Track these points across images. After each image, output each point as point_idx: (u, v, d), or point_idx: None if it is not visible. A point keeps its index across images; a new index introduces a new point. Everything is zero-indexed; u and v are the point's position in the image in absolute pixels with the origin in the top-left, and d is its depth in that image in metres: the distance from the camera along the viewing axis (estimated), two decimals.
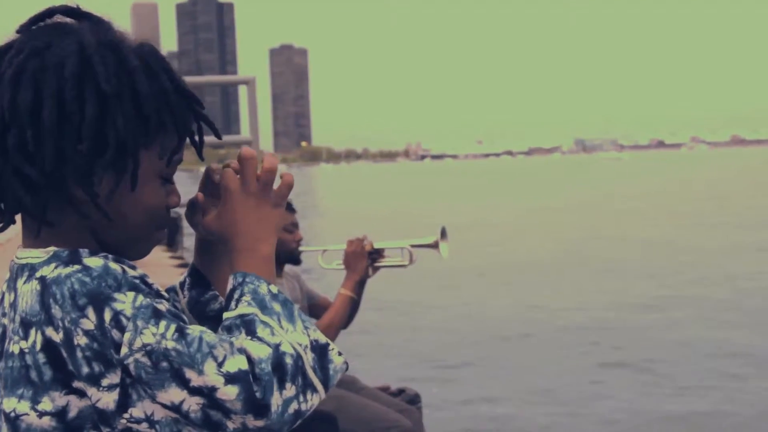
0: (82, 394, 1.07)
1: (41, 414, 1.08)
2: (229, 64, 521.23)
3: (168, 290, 1.37)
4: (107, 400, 1.06)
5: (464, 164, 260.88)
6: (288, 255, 3.77)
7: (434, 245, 3.67)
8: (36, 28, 1.15)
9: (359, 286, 3.66)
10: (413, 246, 3.67)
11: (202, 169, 1.30)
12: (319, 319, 3.70)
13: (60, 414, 1.08)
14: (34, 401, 1.09)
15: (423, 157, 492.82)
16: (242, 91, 6.26)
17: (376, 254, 3.68)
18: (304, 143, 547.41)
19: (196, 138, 1.25)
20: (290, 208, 3.82)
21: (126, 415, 1.06)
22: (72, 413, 1.08)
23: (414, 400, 4.13)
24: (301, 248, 3.80)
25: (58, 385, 1.08)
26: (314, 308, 3.90)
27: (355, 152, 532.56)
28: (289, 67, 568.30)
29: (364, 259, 3.64)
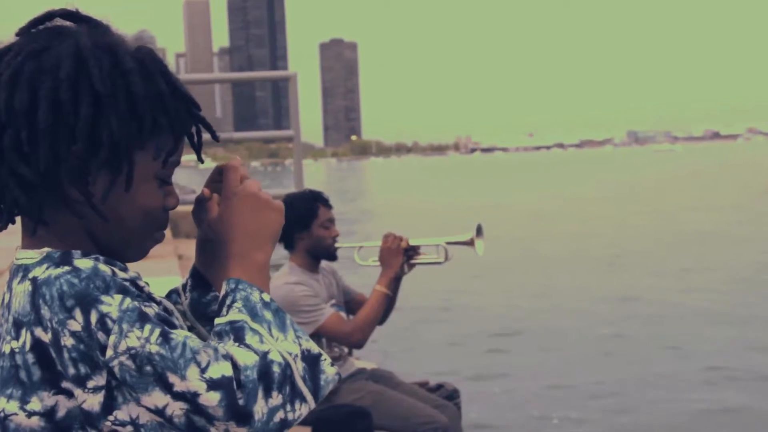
0: (70, 394, 1.08)
1: (30, 414, 1.09)
2: (280, 59, 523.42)
3: (171, 292, 1.38)
4: (92, 401, 1.07)
5: (514, 157, 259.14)
6: (324, 251, 3.79)
7: (470, 243, 3.66)
8: (35, 31, 1.17)
9: (395, 283, 3.67)
10: (449, 243, 3.67)
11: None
12: (354, 316, 3.72)
13: (48, 414, 1.09)
14: (23, 401, 1.10)
15: (473, 151, 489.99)
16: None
17: (412, 251, 3.69)
18: (354, 137, 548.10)
19: (195, 140, 1.26)
20: (327, 204, 3.84)
21: (111, 418, 1.07)
22: (60, 413, 1.09)
23: (452, 395, 4.12)
24: (337, 244, 3.82)
25: (47, 385, 1.09)
26: (350, 304, 3.92)
27: (405, 146, 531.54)
28: (339, 62, 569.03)
29: (399, 256, 3.64)
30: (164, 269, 6.37)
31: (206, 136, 1.30)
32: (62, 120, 1.11)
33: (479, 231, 3.67)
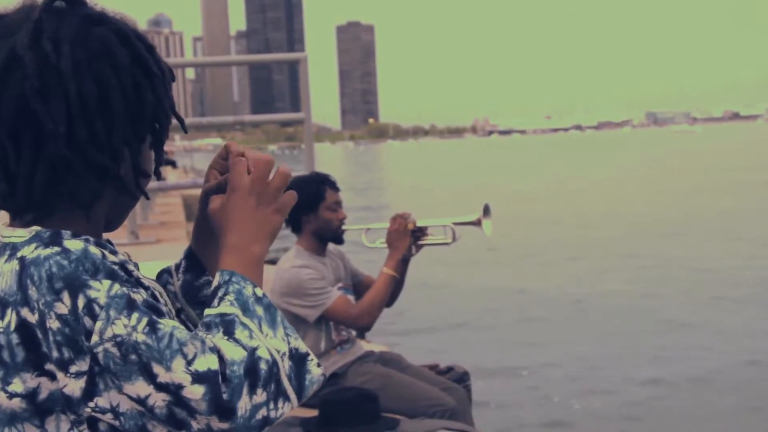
0: (53, 376, 1.07)
1: (12, 395, 1.08)
2: (297, 42, 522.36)
3: (163, 271, 1.37)
4: (74, 386, 1.05)
5: (532, 139, 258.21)
6: (331, 234, 3.77)
7: (477, 223, 3.62)
8: (48, 15, 1.14)
9: (402, 265, 3.64)
10: (456, 224, 3.63)
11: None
12: (361, 298, 3.70)
13: (30, 396, 1.08)
14: (5, 382, 1.09)
15: (490, 133, 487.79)
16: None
17: (419, 232, 3.65)
18: (371, 120, 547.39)
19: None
20: (334, 187, 3.81)
21: (91, 404, 1.06)
22: (42, 395, 1.08)
23: (462, 378, 4.10)
24: (344, 227, 3.79)
25: (30, 366, 1.07)
26: (358, 287, 3.89)
27: (423, 128, 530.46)
28: (356, 44, 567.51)
29: (406, 238, 3.61)
30: (177, 252, 6.38)
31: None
32: (129, 106, 1.14)
33: (487, 211, 3.63)
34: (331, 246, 3.85)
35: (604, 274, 12.72)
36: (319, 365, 1.14)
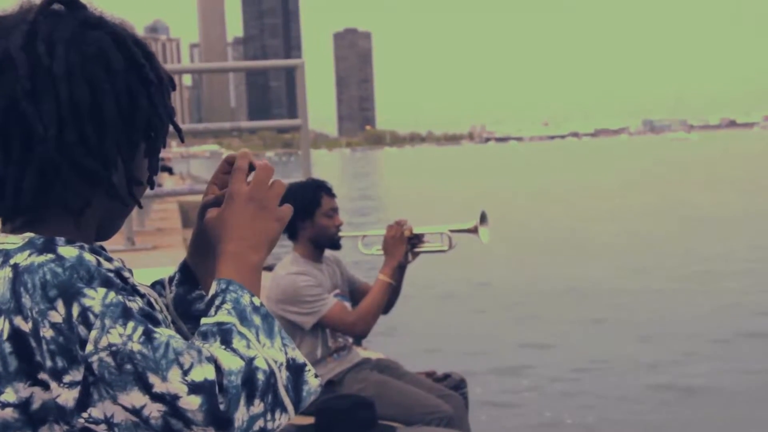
0: (46, 386, 1.04)
1: (4, 405, 1.06)
2: (294, 49, 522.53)
3: (155, 283, 1.35)
4: (67, 396, 1.03)
5: (529, 146, 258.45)
6: (328, 240, 3.76)
7: (474, 230, 3.62)
8: (45, 18, 1.13)
9: (398, 272, 3.64)
10: (452, 231, 3.63)
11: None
12: (357, 305, 3.69)
13: (23, 405, 1.06)
14: None
15: (487, 140, 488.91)
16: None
17: (416, 239, 3.65)
18: (368, 127, 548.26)
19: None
20: (330, 193, 3.80)
21: (85, 415, 1.03)
22: (35, 405, 1.06)
23: (459, 385, 4.09)
24: (340, 233, 3.78)
25: (23, 375, 1.05)
26: (354, 293, 3.88)
27: (420, 135, 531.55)
28: (353, 51, 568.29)
29: (403, 245, 3.61)
30: (174, 258, 6.38)
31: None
32: (122, 111, 1.13)
33: (483, 218, 3.63)
34: (327, 252, 3.84)
35: (604, 282, 12.71)
36: (316, 376, 1.13)
